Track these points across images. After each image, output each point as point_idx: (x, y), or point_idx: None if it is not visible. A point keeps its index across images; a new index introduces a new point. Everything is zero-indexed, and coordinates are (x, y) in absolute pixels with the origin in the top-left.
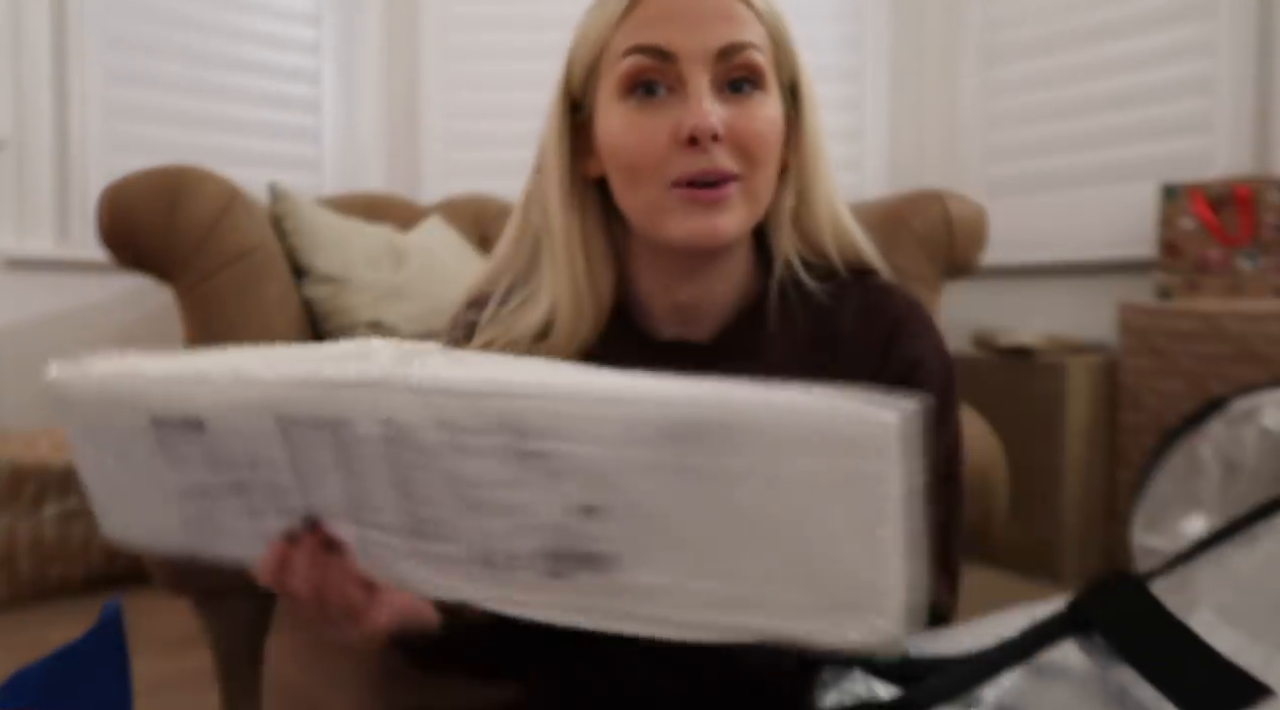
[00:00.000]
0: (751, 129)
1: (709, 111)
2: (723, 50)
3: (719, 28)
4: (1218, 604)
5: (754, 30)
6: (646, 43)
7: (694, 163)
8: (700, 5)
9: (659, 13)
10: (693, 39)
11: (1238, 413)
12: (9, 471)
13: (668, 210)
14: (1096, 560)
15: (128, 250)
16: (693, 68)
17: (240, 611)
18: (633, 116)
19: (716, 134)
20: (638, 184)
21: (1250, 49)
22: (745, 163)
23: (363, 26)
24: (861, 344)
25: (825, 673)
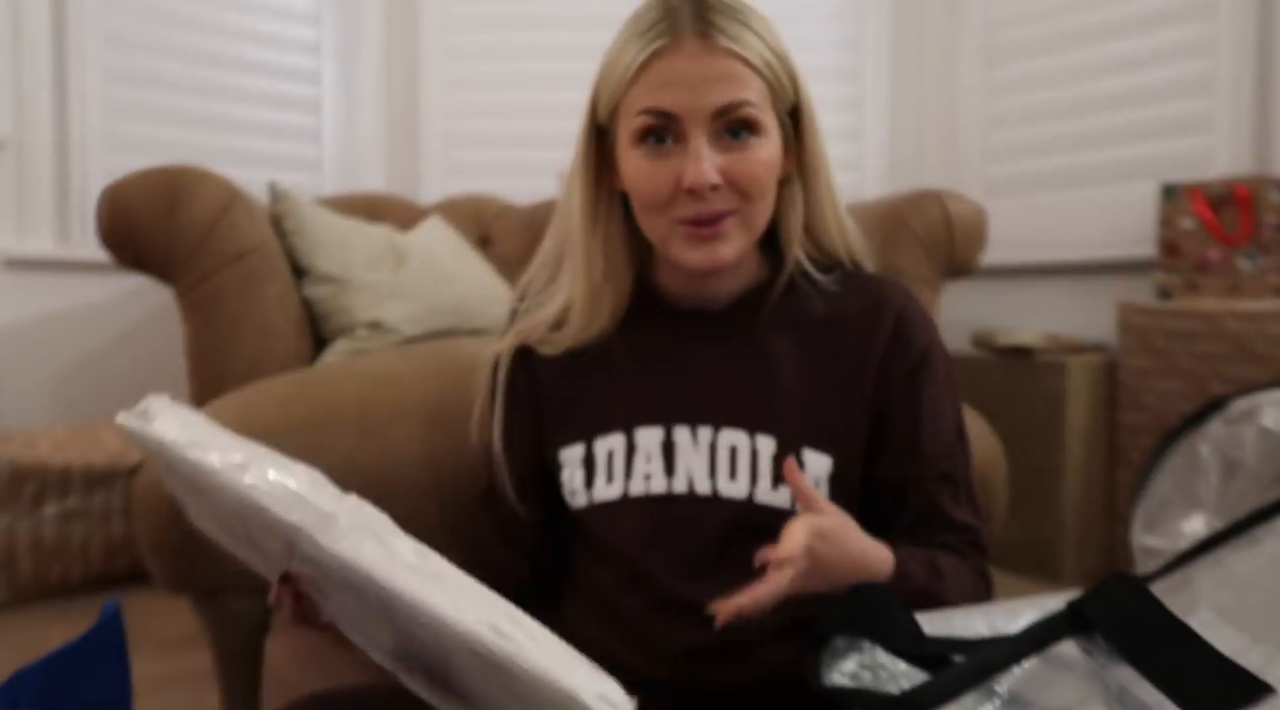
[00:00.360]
0: (746, 172)
1: (705, 169)
2: (718, 111)
3: (715, 91)
4: (1218, 605)
5: (749, 87)
6: (653, 106)
7: (693, 208)
8: (699, 72)
9: (664, 79)
10: (692, 102)
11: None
12: (9, 471)
13: (675, 239)
14: (1096, 560)
15: (127, 250)
16: (693, 126)
17: (240, 611)
18: (644, 163)
19: (713, 185)
20: (650, 217)
21: (1250, 49)
22: (741, 199)
23: (363, 26)
24: (866, 326)
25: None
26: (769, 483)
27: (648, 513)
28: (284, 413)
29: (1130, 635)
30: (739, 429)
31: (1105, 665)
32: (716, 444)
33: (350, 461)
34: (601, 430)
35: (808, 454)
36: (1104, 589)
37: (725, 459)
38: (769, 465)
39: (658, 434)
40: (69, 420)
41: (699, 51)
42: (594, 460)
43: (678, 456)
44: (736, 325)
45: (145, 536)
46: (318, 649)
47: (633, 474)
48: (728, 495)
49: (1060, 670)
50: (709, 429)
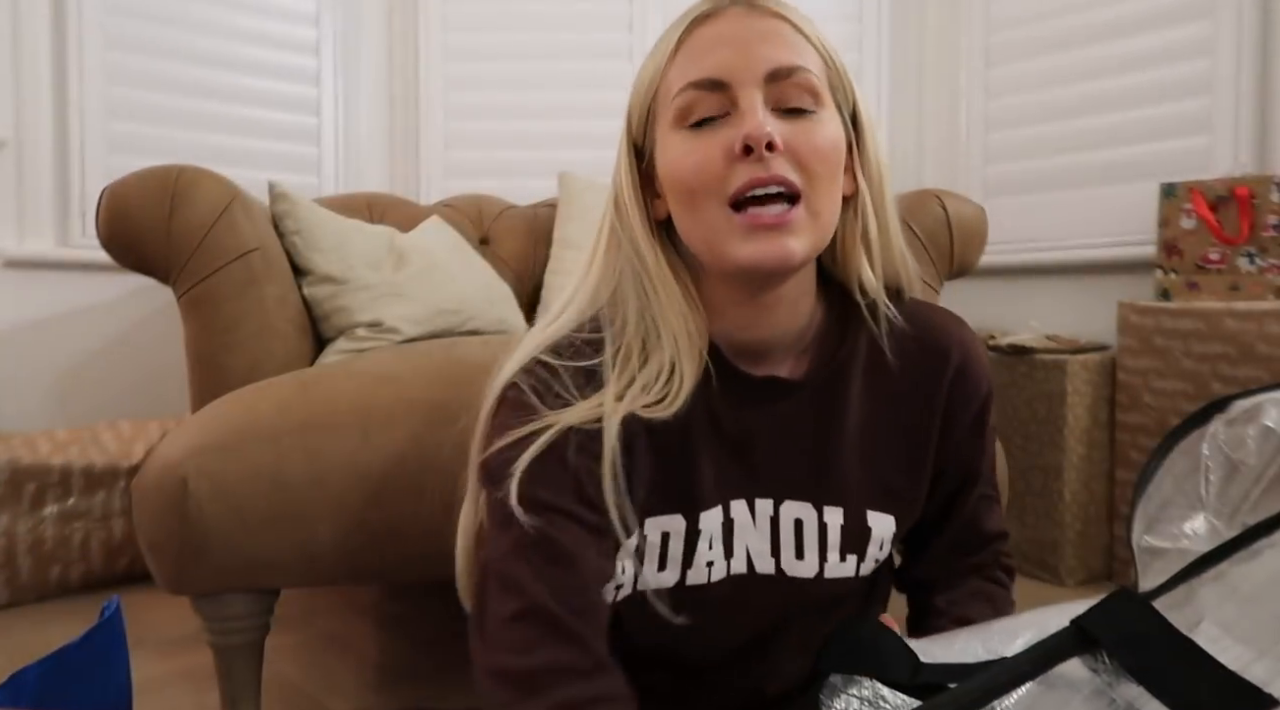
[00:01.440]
0: (810, 143)
1: (763, 121)
2: (773, 73)
3: (768, 51)
4: (1222, 619)
5: (806, 55)
6: (698, 77)
7: (750, 172)
8: (748, 29)
9: (709, 43)
10: (743, 63)
11: (1239, 413)
12: (9, 471)
13: (730, 234)
14: (1096, 560)
15: (127, 250)
16: (744, 90)
17: (240, 611)
18: (689, 141)
19: (772, 142)
20: (698, 207)
21: (1250, 49)
22: (804, 176)
23: (363, 26)
24: (931, 370)
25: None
26: (838, 556)
27: (701, 599)
28: (284, 413)
29: (1136, 652)
30: (804, 502)
31: (1112, 683)
32: (779, 518)
33: (350, 461)
34: (656, 511)
35: (871, 516)
36: (1108, 606)
37: (790, 536)
38: (838, 538)
39: (718, 515)
40: (69, 421)
41: (746, 15)
42: (644, 544)
43: (735, 535)
44: (803, 386)
45: (145, 536)
46: (318, 649)
47: (694, 562)
48: (794, 575)
49: (1065, 690)
50: (769, 502)
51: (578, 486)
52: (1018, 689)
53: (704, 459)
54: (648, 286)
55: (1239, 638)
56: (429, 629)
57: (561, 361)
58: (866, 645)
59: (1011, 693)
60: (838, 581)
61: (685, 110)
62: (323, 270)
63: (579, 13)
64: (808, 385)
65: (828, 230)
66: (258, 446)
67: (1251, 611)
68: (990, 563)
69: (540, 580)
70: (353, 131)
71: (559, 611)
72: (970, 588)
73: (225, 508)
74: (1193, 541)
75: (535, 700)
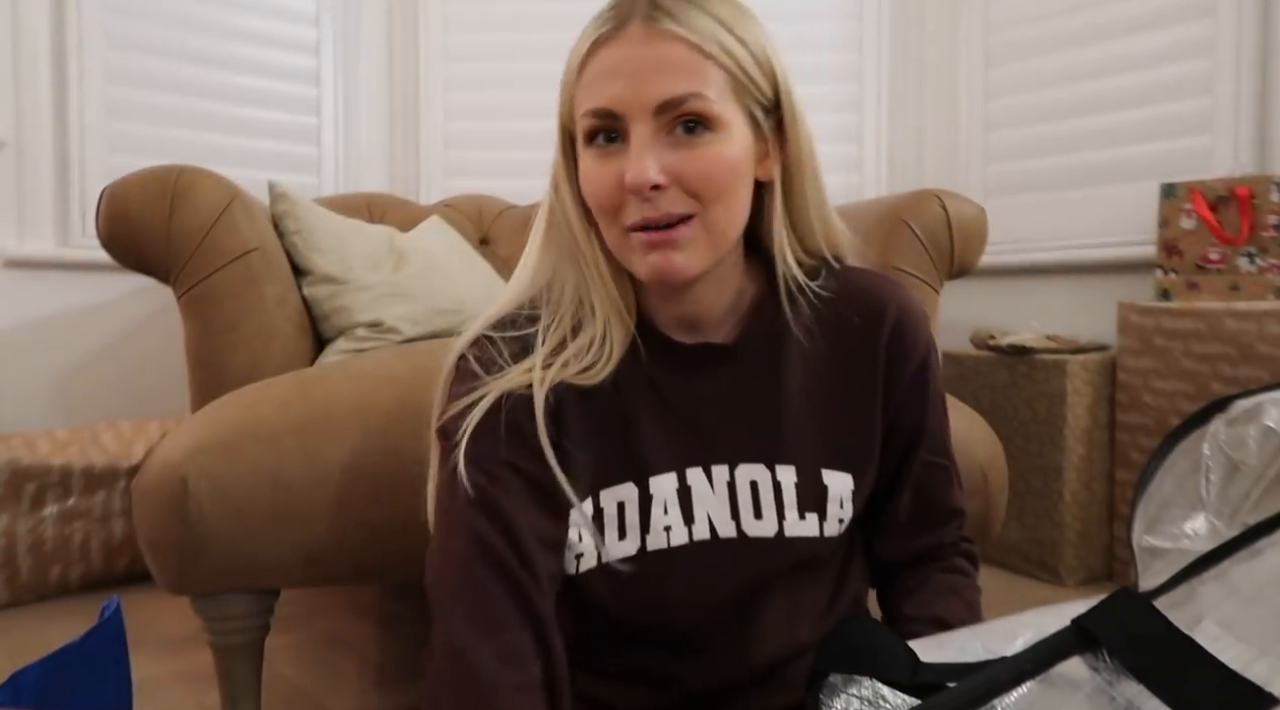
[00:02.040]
0: (698, 171)
1: (645, 167)
2: (662, 104)
3: (658, 83)
4: (1223, 618)
5: (700, 78)
6: (594, 107)
7: (640, 211)
8: (640, 58)
9: (605, 71)
10: (633, 97)
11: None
12: (9, 471)
13: (630, 250)
14: (1096, 560)
15: (127, 250)
16: (635, 123)
17: (240, 611)
18: (592, 165)
19: (657, 185)
20: (606, 227)
21: (1250, 49)
22: (696, 202)
23: (363, 26)
24: (867, 331)
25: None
26: (796, 514)
27: (669, 566)
28: (284, 413)
29: (1136, 651)
30: (756, 463)
31: (1112, 682)
32: (735, 482)
33: (350, 461)
34: (608, 482)
35: (827, 475)
36: (1109, 605)
37: (747, 497)
38: (794, 496)
39: (671, 481)
40: (69, 421)
41: (641, 38)
42: (602, 516)
43: (695, 501)
44: (737, 352)
45: (145, 536)
46: (318, 649)
47: (650, 527)
48: (755, 535)
49: (1066, 689)
50: (724, 468)
51: (514, 447)
52: (1018, 688)
53: (647, 427)
54: (581, 263)
55: (1240, 636)
56: (429, 629)
57: (501, 334)
58: (865, 645)
59: (1012, 691)
60: (802, 541)
61: (589, 132)
62: (323, 270)
63: (579, 13)
64: (744, 351)
65: (727, 236)
66: (258, 446)
67: (1252, 610)
68: (950, 545)
69: (483, 534)
70: (353, 131)
71: (502, 559)
72: (935, 585)
73: (225, 508)
74: (1193, 541)
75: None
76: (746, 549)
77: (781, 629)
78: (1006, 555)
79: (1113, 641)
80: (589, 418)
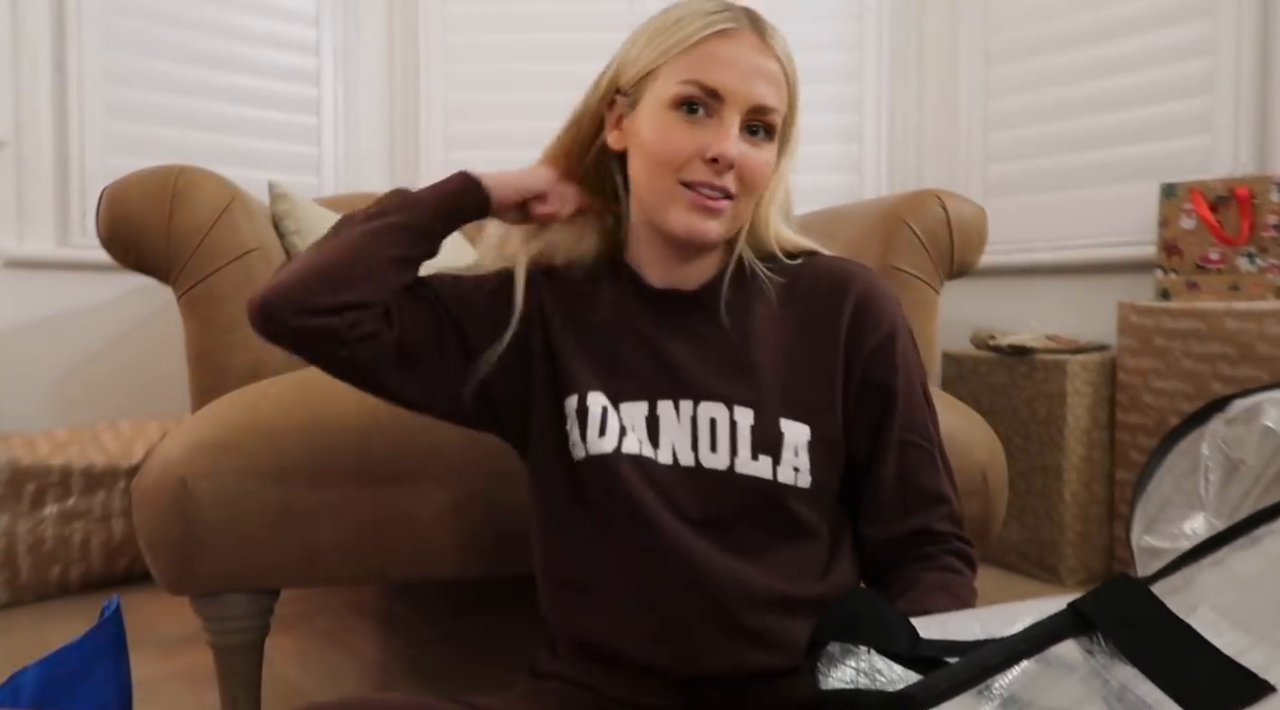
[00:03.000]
0: (755, 168)
1: (732, 146)
2: (756, 108)
3: (761, 88)
4: (1219, 605)
5: (781, 97)
6: (705, 81)
7: (708, 175)
8: (754, 63)
9: (723, 58)
10: (741, 89)
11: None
12: (9, 471)
13: (676, 203)
14: (1096, 560)
15: (127, 250)
16: (732, 109)
17: (240, 611)
18: (675, 126)
19: (733, 163)
20: (658, 174)
21: (1250, 49)
22: (741, 188)
23: (363, 26)
24: (831, 304)
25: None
26: (748, 453)
27: (642, 469)
28: (284, 413)
29: (1132, 635)
30: (718, 402)
31: (1106, 665)
32: (697, 417)
33: (350, 462)
34: (591, 389)
35: (784, 423)
36: (1105, 590)
37: (706, 431)
38: (748, 436)
39: (642, 408)
40: (69, 421)
41: (758, 48)
42: (587, 414)
43: (661, 429)
44: (712, 305)
45: (145, 536)
46: (318, 649)
47: (625, 434)
48: (709, 466)
49: (1060, 670)
50: (690, 403)
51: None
52: (1012, 668)
53: (627, 358)
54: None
55: (1236, 623)
56: (429, 629)
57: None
58: (865, 617)
59: (1006, 672)
60: (751, 480)
61: (682, 98)
62: None
63: (578, 13)
64: (716, 307)
65: (742, 222)
66: (258, 446)
67: (1250, 597)
68: (940, 539)
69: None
70: (353, 131)
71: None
72: (926, 583)
73: (225, 508)
74: (1192, 541)
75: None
76: (702, 478)
77: (753, 575)
78: (1006, 555)
79: (1108, 625)
80: (574, 330)
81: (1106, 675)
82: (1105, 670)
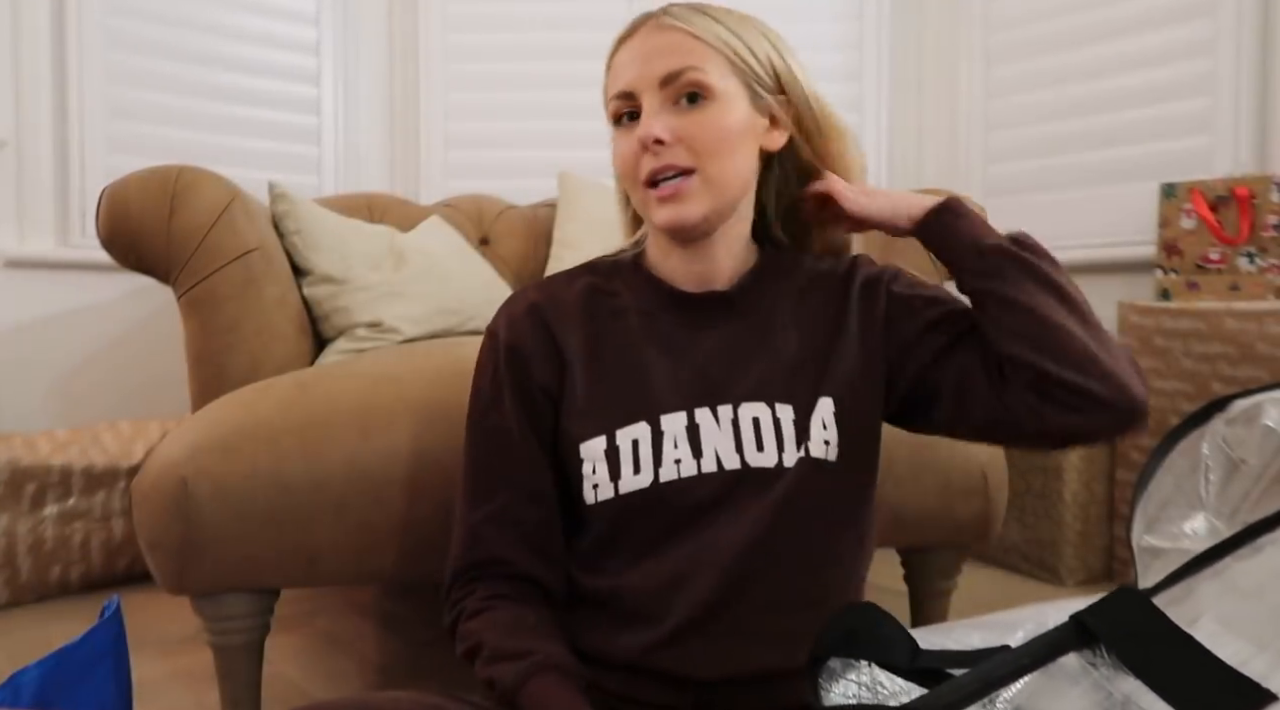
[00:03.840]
0: (695, 132)
1: (650, 124)
2: (664, 78)
3: (661, 62)
4: (1221, 614)
5: (697, 56)
6: (616, 90)
7: (649, 163)
8: (649, 46)
9: (623, 61)
10: (642, 75)
11: (1239, 412)
12: (9, 471)
13: (649, 205)
14: (1096, 560)
15: (127, 250)
16: (645, 96)
17: (240, 611)
18: (618, 139)
19: (660, 139)
20: (630, 189)
21: (1250, 49)
22: (697, 157)
23: (363, 26)
24: (833, 283)
25: (833, 661)
26: (794, 446)
27: (680, 494)
28: (284, 413)
29: (1135, 647)
30: (758, 402)
31: (1110, 677)
32: (739, 419)
33: (350, 462)
34: (623, 422)
35: (819, 402)
36: (1108, 602)
37: (750, 432)
38: (792, 430)
39: (681, 419)
40: (69, 421)
41: (654, 30)
42: (618, 453)
43: (703, 438)
44: (737, 304)
45: (145, 536)
46: (318, 649)
47: (663, 461)
48: (757, 465)
49: (1064, 683)
50: (729, 407)
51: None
52: (1016, 681)
53: (660, 372)
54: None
55: (1239, 633)
56: (429, 629)
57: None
58: (864, 630)
59: (1010, 685)
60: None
61: (614, 113)
62: (323, 270)
63: (578, 13)
64: (744, 306)
65: (730, 189)
66: (258, 446)
67: (1251, 607)
68: None
69: (508, 531)
70: (353, 131)
71: (526, 561)
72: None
73: (225, 508)
74: (1193, 541)
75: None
76: (746, 479)
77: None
78: (1006, 555)
79: (1111, 637)
80: (594, 359)
81: (1110, 687)
82: (1109, 682)
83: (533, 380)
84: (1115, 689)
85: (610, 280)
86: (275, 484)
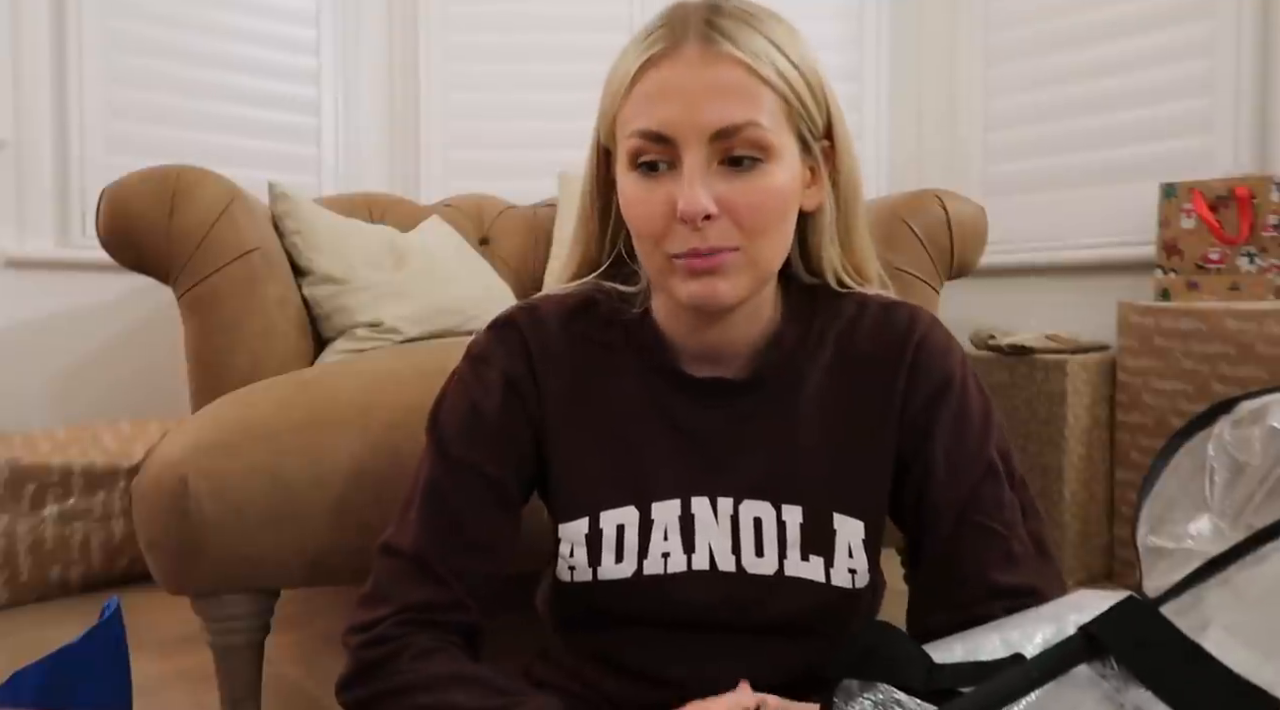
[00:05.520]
0: (749, 204)
1: (698, 196)
2: (719, 132)
3: (715, 108)
4: (1229, 623)
5: (756, 104)
6: (645, 127)
7: (687, 241)
8: (697, 80)
9: (656, 91)
10: (688, 122)
11: (1245, 414)
12: (9, 471)
13: (671, 274)
14: (1096, 560)
15: (127, 250)
16: (688, 149)
17: (240, 611)
18: (636, 190)
19: (709, 214)
20: (646, 251)
21: (1250, 49)
22: (743, 235)
23: (362, 26)
24: (887, 363)
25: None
26: (799, 555)
27: (664, 591)
28: (284, 413)
29: (1144, 657)
30: (763, 500)
31: (1120, 688)
32: (739, 517)
33: (350, 461)
34: (610, 503)
35: (838, 519)
36: (1116, 613)
37: (750, 533)
38: (798, 536)
39: (674, 507)
40: (69, 421)
41: (699, 61)
42: (600, 537)
43: (697, 531)
44: (753, 387)
45: (145, 536)
46: (318, 649)
47: (649, 552)
48: (754, 572)
49: (1075, 695)
50: (729, 501)
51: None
52: (1026, 696)
53: (654, 451)
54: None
55: (1247, 641)
56: None
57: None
58: (880, 650)
59: (1020, 700)
60: (803, 584)
61: (635, 153)
62: (323, 270)
63: (578, 14)
64: (761, 385)
65: (771, 267)
66: (258, 446)
67: (1259, 615)
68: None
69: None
70: (353, 131)
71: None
72: None
73: (225, 507)
74: (1197, 542)
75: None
76: (742, 585)
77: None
78: None
79: (1120, 648)
80: (581, 429)
81: (1120, 698)
82: (1119, 693)
83: (524, 429)
84: (1126, 700)
85: (608, 329)
86: (275, 484)
